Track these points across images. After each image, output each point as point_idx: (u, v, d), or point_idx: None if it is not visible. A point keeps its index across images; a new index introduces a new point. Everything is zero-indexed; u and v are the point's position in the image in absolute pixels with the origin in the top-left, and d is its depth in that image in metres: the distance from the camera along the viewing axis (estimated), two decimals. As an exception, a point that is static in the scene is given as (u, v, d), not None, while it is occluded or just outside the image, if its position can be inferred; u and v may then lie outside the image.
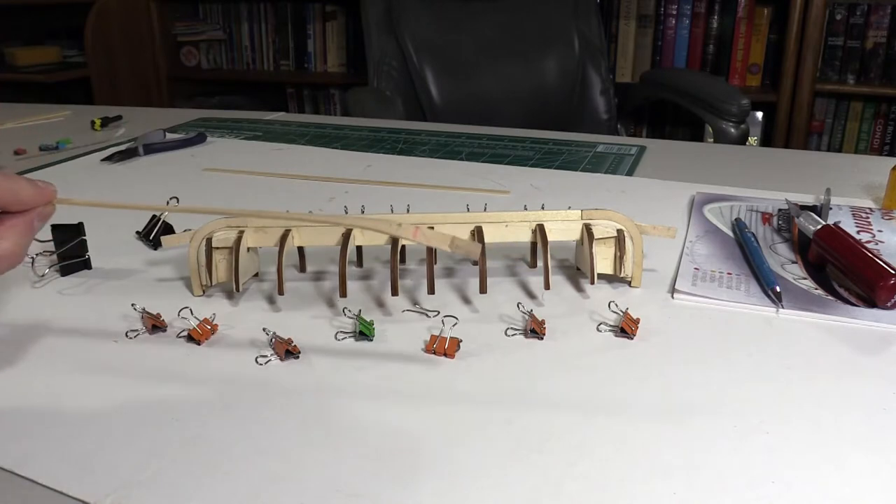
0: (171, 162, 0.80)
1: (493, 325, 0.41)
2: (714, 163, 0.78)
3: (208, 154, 0.84)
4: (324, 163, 0.80)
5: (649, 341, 0.39)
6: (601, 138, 0.90)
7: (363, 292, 0.46)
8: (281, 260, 0.42)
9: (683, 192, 0.65)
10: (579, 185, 0.70)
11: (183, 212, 0.44)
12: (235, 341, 0.40)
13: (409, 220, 0.45)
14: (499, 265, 0.50)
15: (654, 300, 0.44)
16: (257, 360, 0.38)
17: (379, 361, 0.38)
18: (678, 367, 0.37)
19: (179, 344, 0.40)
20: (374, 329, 0.40)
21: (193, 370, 0.37)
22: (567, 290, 0.46)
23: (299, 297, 0.45)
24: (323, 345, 0.39)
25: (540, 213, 0.45)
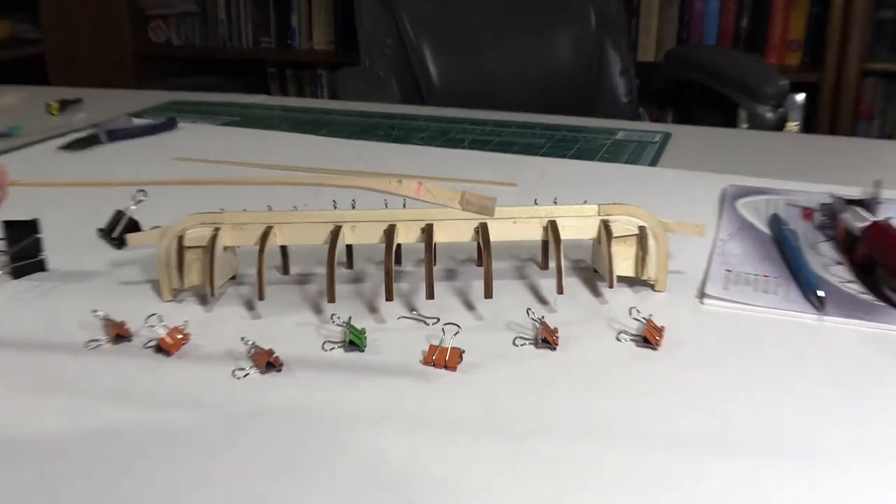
0: (138, 150, 0.80)
1: (499, 334, 0.41)
2: (748, 151, 0.78)
3: (179, 142, 0.84)
4: (309, 152, 0.80)
5: (675, 352, 0.39)
6: (621, 124, 0.90)
7: (354, 297, 0.46)
8: (262, 260, 0.42)
9: (714, 184, 0.65)
10: (596, 176, 0.70)
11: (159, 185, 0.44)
12: (210, 352, 0.40)
13: (408, 189, 0.45)
14: (506, 266, 0.50)
15: (680, 306, 0.44)
16: (234, 374, 0.38)
17: (371, 375, 0.38)
18: (708, 383, 0.37)
19: (146, 356, 0.40)
20: (365, 338, 0.40)
21: (162, 385, 0.37)
22: (583, 294, 0.46)
23: (282, 302, 0.45)
24: (308, 356, 0.39)
25: (552, 208, 0.45)
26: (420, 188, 0.31)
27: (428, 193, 0.32)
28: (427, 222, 0.45)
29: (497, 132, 0.87)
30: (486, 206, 0.31)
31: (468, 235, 0.45)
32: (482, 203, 0.31)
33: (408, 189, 0.32)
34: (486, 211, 0.31)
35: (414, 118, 0.94)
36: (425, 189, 0.31)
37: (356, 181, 0.33)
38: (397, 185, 0.32)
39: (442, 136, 0.86)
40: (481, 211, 0.32)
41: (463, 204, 0.31)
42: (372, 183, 0.33)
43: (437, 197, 0.31)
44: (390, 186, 0.32)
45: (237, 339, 0.40)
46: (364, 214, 0.45)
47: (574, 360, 0.39)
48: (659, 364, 0.38)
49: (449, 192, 0.31)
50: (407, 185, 0.32)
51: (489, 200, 0.31)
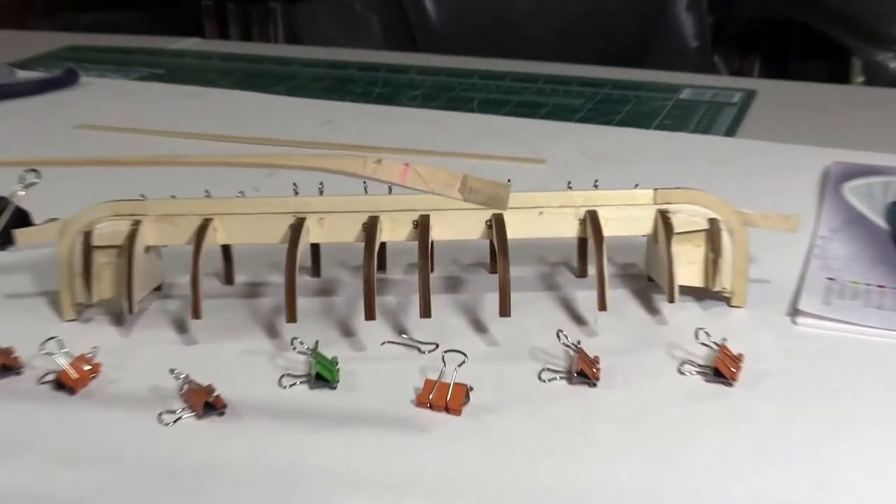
0: (24, 114, 0.81)
1: (520, 366, 0.42)
2: (862, 116, 0.79)
3: (82, 103, 0.84)
4: (259, 117, 0.81)
5: (758, 390, 0.40)
6: (687, 78, 0.91)
7: (322, 315, 0.47)
8: (197, 265, 0.43)
9: (813, 161, 0.66)
10: (652, 150, 0.71)
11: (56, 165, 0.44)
12: (128, 389, 0.41)
13: (389, 172, 0.46)
14: (529, 273, 0.50)
15: (765, 327, 0.45)
16: (161, 419, 0.38)
17: (345, 421, 0.38)
18: (803, 432, 0.37)
19: (42, 394, 0.40)
20: (338, 371, 0.41)
21: (63, 434, 0.38)
22: (633, 310, 0.47)
23: (225, 321, 0.46)
24: (260, 395, 0.40)
25: (592, 193, 0.46)
26: (406, 171, 0.31)
27: (417, 178, 0.32)
28: (421, 213, 0.45)
29: (517, 89, 0.88)
30: (496, 195, 0.31)
31: (477, 231, 0.46)
32: (491, 191, 0.31)
33: (390, 172, 0.31)
34: (496, 202, 0.31)
35: (403, 70, 0.95)
36: (413, 172, 0.31)
37: (319, 161, 0.33)
38: (375, 167, 0.31)
39: (442, 94, 0.87)
40: (489, 202, 0.32)
41: (464, 192, 0.31)
42: (341, 164, 0.33)
43: (429, 182, 0.31)
44: (365, 168, 0.32)
45: (164, 371, 0.41)
46: (335, 202, 0.46)
47: (621, 402, 0.39)
48: (736, 406, 0.39)
49: (446, 176, 0.31)
50: (389, 166, 0.31)
51: (501, 188, 0.32)
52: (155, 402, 0.39)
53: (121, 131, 0.76)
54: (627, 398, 0.39)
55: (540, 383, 0.40)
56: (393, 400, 0.39)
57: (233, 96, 0.87)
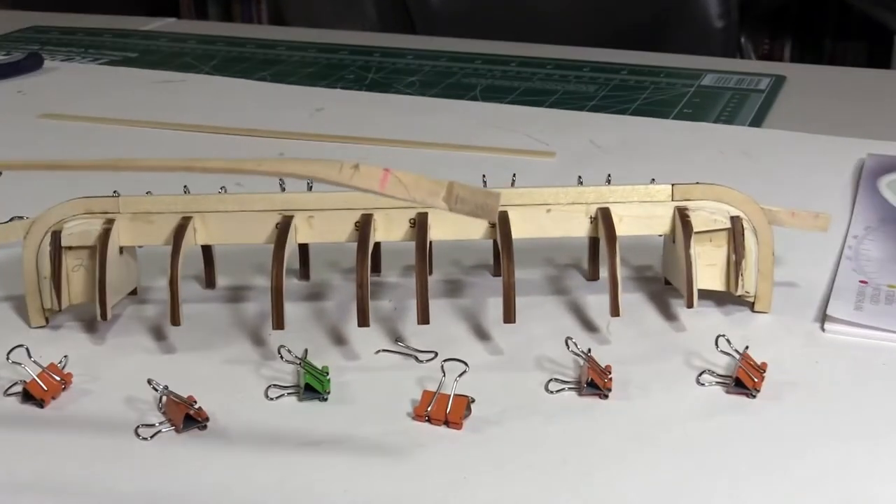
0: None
1: (525, 376, 0.42)
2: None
3: (46, 89, 0.85)
4: (243, 105, 0.81)
5: (783, 402, 0.40)
6: (711, 62, 0.92)
7: (312, 321, 0.47)
8: (176, 268, 0.44)
9: (847, 153, 0.66)
10: (671, 142, 0.72)
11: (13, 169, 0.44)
12: (101, 402, 0.41)
13: (368, 179, 0.47)
14: (536, 276, 0.51)
15: (791, 334, 0.45)
16: (138, 433, 0.39)
17: (337, 435, 0.39)
18: (836, 448, 0.38)
19: (9, 407, 0.41)
20: (329, 382, 0.41)
21: (32, 450, 0.38)
22: (648, 316, 0.47)
23: (207, 328, 0.47)
24: (245, 407, 0.41)
25: (604, 189, 0.47)
26: (386, 177, 0.30)
27: (398, 185, 0.31)
28: (419, 211, 0.46)
29: (524, 75, 0.89)
30: (484, 205, 0.31)
31: (479, 231, 0.47)
32: (480, 200, 0.31)
33: (368, 178, 0.31)
34: (484, 212, 0.31)
35: (399, 53, 0.96)
36: (394, 178, 0.31)
37: (289, 166, 0.32)
38: (351, 173, 0.31)
39: (441, 80, 0.87)
40: (477, 213, 0.31)
41: (450, 201, 0.31)
42: (313, 169, 0.32)
43: (411, 190, 0.31)
44: (341, 174, 0.31)
45: (141, 382, 0.41)
46: (326, 199, 0.46)
47: (634, 415, 0.40)
48: (760, 419, 0.39)
49: (430, 184, 0.31)
50: (367, 172, 0.31)
51: (490, 196, 0.31)
52: (131, 415, 0.40)
53: (89, 121, 0.77)
54: (642, 411, 0.40)
55: (547, 395, 0.41)
56: (388, 413, 0.40)
57: (212, 83, 0.88)
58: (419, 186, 0.31)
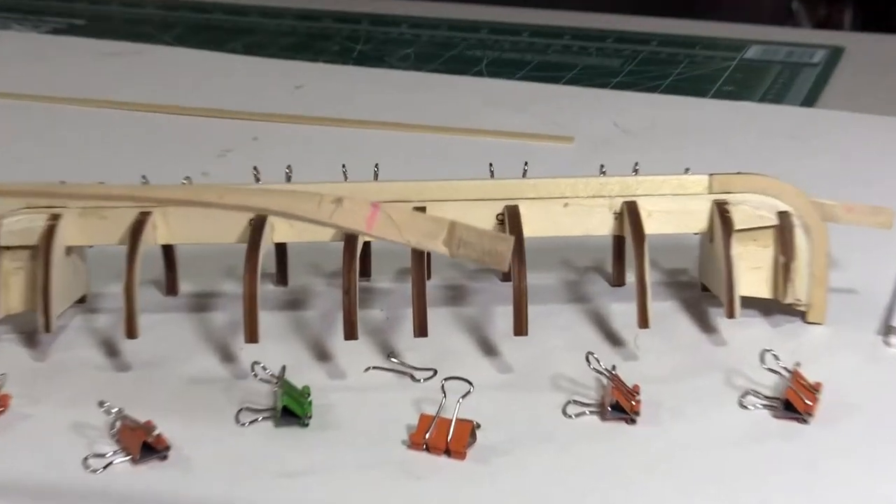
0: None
1: (539, 397, 0.42)
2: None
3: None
4: (210, 82, 0.81)
5: (842, 427, 0.40)
6: (756, 31, 0.92)
7: (291, 333, 0.47)
8: (132, 272, 0.43)
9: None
10: (709, 125, 0.71)
11: None
12: (44, 427, 0.41)
13: (361, 191, 0.47)
14: (551, 281, 0.51)
15: (850, 349, 0.45)
16: (88, 464, 0.39)
17: (320, 467, 0.39)
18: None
19: (-63, 433, 0.41)
20: (310, 405, 0.41)
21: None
22: (683, 328, 0.47)
23: (168, 341, 0.46)
24: (213, 434, 0.40)
25: (630, 179, 0.47)
26: (375, 215, 0.29)
27: (388, 224, 0.30)
28: (415, 204, 0.46)
29: (538, 46, 0.89)
30: (493, 251, 0.30)
31: (486, 228, 0.46)
32: (486, 245, 0.30)
33: (353, 216, 0.30)
34: (493, 260, 0.30)
35: (392, 21, 0.95)
36: (383, 216, 0.29)
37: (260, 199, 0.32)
38: (333, 209, 0.30)
39: (441, 53, 0.87)
40: (485, 259, 0.30)
41: (451, 245, 0.30)
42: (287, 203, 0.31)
43: (404, 231, 0.30)
44: (321, 211, 0.30)
45: (92, 404, 0.41)
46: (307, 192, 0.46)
47: (667, 443, 0.40)
48: (813, 448, 0.39)
49: (427, 223, 0.30)
50: (352, 208, 0.30)
51: (501, 241, 0.30)
52: (79, 443, 0.40)
53: (26, 99, 0.76)
54: (675, 438, 0.40)
55: (565, 419, 0.41)
56: (380, 440, 0.40)
57: (173, 55, 0.87)
58: (414, 226, 0.31)
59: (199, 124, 0.72)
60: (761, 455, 0.39)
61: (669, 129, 0.70)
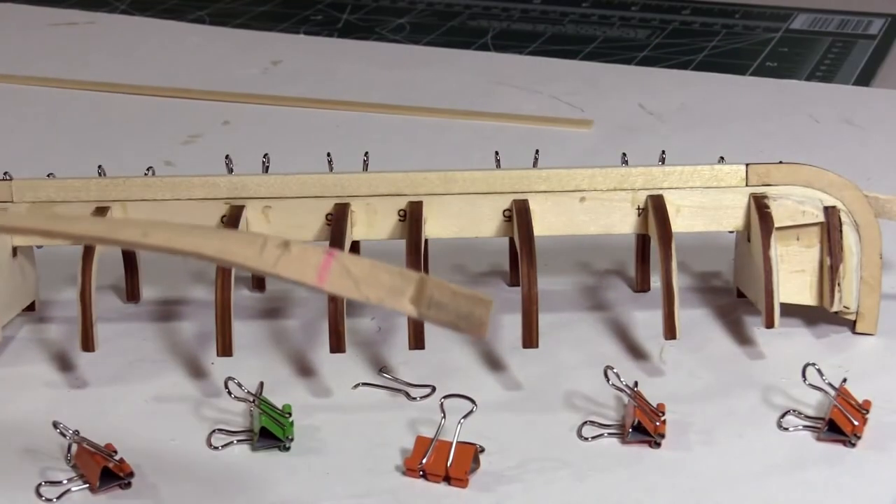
0: None
1: (551, 417, 0.43)
2: None
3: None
4: (173, 56, 0.81)
5: (893, 452, 0.41)
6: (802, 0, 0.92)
7: (270, 345, 0.48)
8: (88, 275, 0.44)
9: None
10: (747, 107, 0.72)
11: None
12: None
13: (348, 183, 0.48)
14: (565, 286, 0.52)
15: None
16: (41, 493, 0.39)
17: (303, 497, 0.39)
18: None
19: None
20: (291, 425, 0.42)
21: None
22: (716, 339, 0.48)
23: (129, 355, 0.47)
24: (182, 459, 0.41)
25: (656, 170, 0.47)
26: (328, 265, 0.28)
27: (343, 277, 0.28)
28: (410, 199, 0.47)
29: (552, 15, 0.89)
30: (470, 315, 0.29)
31: (491, 226, 0.47)
32: (462, 308, 0.28)
33: (300, 265, 0.29)
34: (468, 325, 0.29)
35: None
36: (339, 267, 0.28)
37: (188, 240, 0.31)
38: (277, 255, 0.29)
39: (440, 23, 0.88)
40: (458, 324, 0.29)
41: (420, 304, 0.28)
42: (221, 247, 0.30)
43: (362, 285, 0.27)
44: (263, 257, 0.29)
45: (45, 425, 0.41)
46: (288, 184, 0.47)
47: (696, 469, 0.40)
48: (861, 474, 0.39)
49: (392, 276, 0.29)
50: (301, 255, 0.29)
51: (479, 304, 0.29)
52: (31, 469, 0.40)
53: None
54: (705, 464, 0.40)
55: (580, 442, 0.42)
56: (370, 466, 0.40)
57: (132, 26, 0.88)
58: (375, 280, 0.29)
59: (162, 105, 0.73)
60: (803, 483, 0.39)
61: (702, 111, 0.70)
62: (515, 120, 0.70)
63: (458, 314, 0.30)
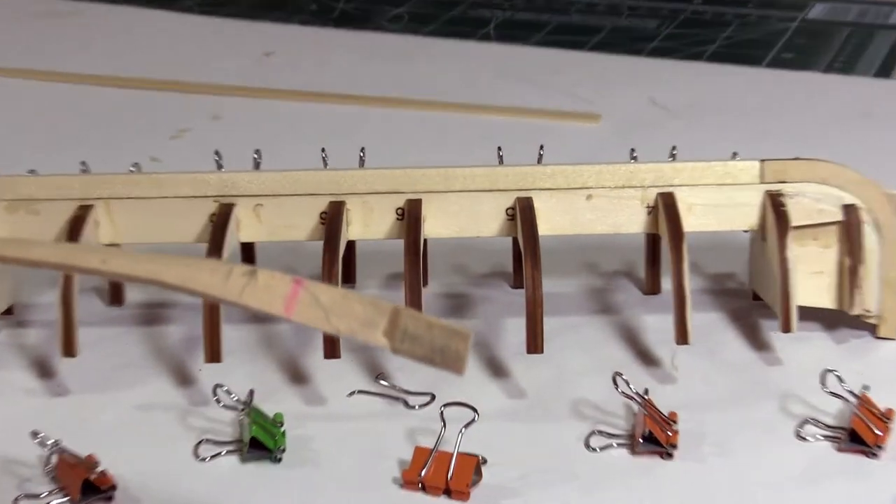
0: None
1: (557, 427, 0.43)
2: None
3: None
4: (163, 47, 0.81)
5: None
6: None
7: (260, 351, 0.48)
8: (70, 278, 0.44)
9: None
10: (762, 100, 0.72)
11: None
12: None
13: (343, 180, 0.48)
14: (572, 289, 0.52)
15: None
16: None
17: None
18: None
19: None
20: (283, 435, 0.42)
21: None
22: (730, 344, 0.48)
23: (113, 361, 0.47)
24: (167, 470, 0.41)
25: (667, 166, 0.47)
26: (296, 295, 0.29)
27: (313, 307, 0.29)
28: (409, 197, 0.47)
29: (557, 5, 0.89)
30: (445, 349, 0.28)
31: (493, 225, 0.47)
32: (438, 341, 0.28)
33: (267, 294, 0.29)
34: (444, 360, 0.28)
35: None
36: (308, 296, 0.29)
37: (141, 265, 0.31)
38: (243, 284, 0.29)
39: (440, 12, 0.87)
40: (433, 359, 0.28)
41: (393, 338, 0.28)
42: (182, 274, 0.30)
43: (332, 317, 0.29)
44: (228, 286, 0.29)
45: (23, 435, 0.41)
46: (280, 181, 0.47)
47: (709, 480, 0.40)
48: (883, 487, 0.39)
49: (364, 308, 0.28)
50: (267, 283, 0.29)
51: (455, 337, 0.29)
52: (9, 482, 0.40)
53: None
54: (720, 476, 0.40)
55: (588, 453, 0.42)
56: (367, 478, 0.41)
57: (117, 16, 0.88)
58: (346, 311, 0.29)
59: (149, 99, 0.73)
60: (822, 496, 0.39)
61: (715, 105, 0.71)
62: (519, 114, 0.70)
63: (432, 347, 0.30)
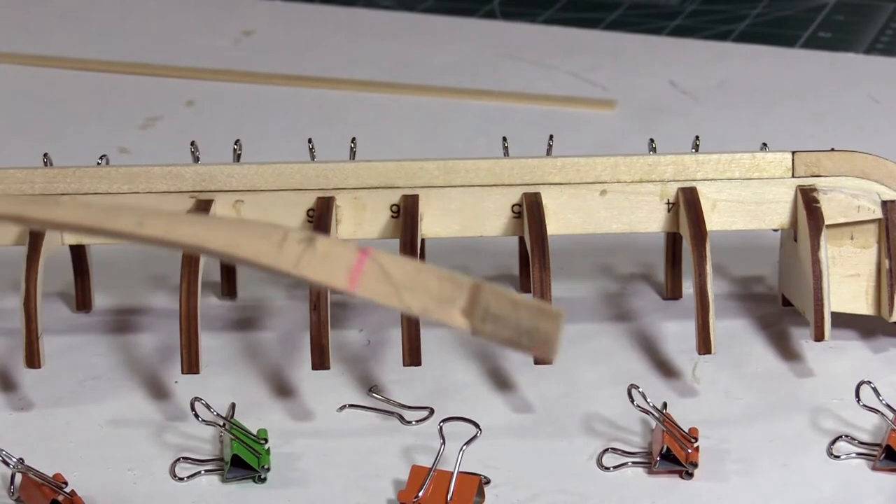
0: None
1: (567, 444, 0.43)
2: None
3: None
4: (132, 27, 0.81)
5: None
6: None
7: (242, 361, 0.48)
8: (33, 281, 0.44)
9: None
10: (795, 84, 0.72)
11: None
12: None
13: (332, 173, 0.48)
14: (584, 293, 0.52)
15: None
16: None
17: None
18: None
19: None
20: (268, 454, 0.42)
21: None
22: (757, 354, 0.48)
23: (80, 372, 0.47)
24: (141, 491, 0.41)
25: (689, 158, 0.48)
26: (361, 266, 0.28)
27: (381, 280, 0.28)
28: (405, 192, 0.47)
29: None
30: (534, 330, 0.27)
31: (498, 223, 0.48)
32: (525, 321, 0.27)
33: (327, 265, 0.28)
34: (531, 341, 0.27)
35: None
36: (375, 266, 0.28)
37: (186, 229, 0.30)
38: (300, 252, 0.28)
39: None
40: (520, 342, 0.28)
41: (473, 318, 0.27)
42: (229, 239, 0.29)
43: (403, 292, 0.27)
44: (282, 254, 0.28)
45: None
46: (263, 174, 0.47)
47: (734, 502, 0.40)
48: None
49: (441, 282, 0.27)
50: (328, 253, 0.28)
51: (546, 317, 0.29)
52: None
53: None
54: (744, 497, 0.41)
55: (601, 472, 0.42)
56: (359, 499, 0.41)
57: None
58: (419, 285, 0.28)
59: (117, 83, 0.73)
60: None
61: (743, 90, 0.71)
62: (526, 100, 0.70)
63: (518, 329, 0.29)
